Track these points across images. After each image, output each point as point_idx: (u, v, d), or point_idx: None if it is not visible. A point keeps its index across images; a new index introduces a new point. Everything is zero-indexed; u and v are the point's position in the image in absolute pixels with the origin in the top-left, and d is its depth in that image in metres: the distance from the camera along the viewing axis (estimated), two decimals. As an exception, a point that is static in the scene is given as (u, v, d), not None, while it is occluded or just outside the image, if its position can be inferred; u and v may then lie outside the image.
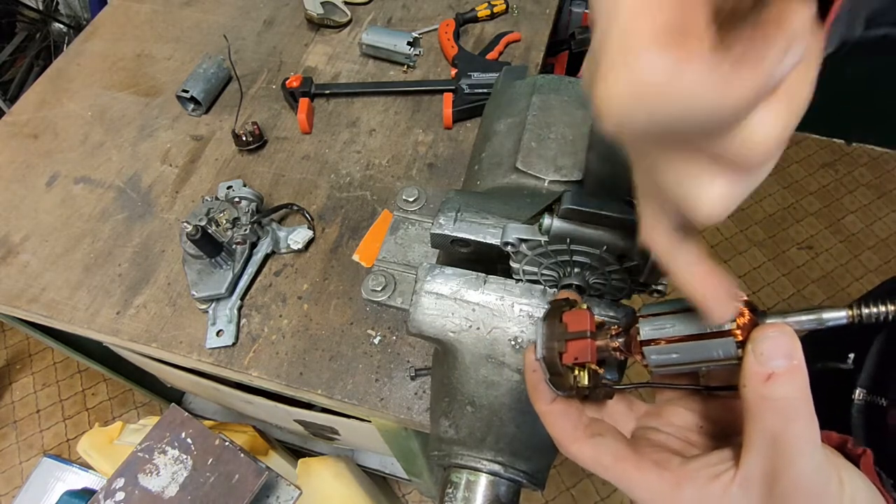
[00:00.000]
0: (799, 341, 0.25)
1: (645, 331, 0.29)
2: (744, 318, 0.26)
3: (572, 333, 0.30)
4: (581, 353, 0.30)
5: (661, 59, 0.17)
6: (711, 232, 2.06)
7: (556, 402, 0.32)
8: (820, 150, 2.25)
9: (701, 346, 0.27)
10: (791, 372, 0.24)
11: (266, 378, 0.73)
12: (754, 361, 0.25)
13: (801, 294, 1.91)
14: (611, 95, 0.18)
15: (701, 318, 0.27)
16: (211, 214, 0.79)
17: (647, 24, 0.17)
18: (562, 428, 0.31)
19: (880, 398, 0.57)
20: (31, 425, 1.80)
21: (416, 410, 0.69)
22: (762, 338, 0.25)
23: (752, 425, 0.26)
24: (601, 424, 0.33)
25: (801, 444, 0.24)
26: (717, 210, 0.22)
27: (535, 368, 0.32)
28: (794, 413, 0.24)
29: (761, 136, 0.19)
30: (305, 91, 0.95)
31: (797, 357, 0.24)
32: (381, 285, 0.50)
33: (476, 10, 1.07)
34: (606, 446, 0.30)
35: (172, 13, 1.14)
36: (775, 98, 0.19)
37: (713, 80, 0.17)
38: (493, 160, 0.51)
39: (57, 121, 1.00)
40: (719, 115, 0.18)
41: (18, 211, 0.89)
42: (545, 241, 0.37)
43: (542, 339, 0.31)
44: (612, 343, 0.30)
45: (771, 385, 0.24)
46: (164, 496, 0.75)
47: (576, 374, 0.30)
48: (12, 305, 0.80)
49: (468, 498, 0.41)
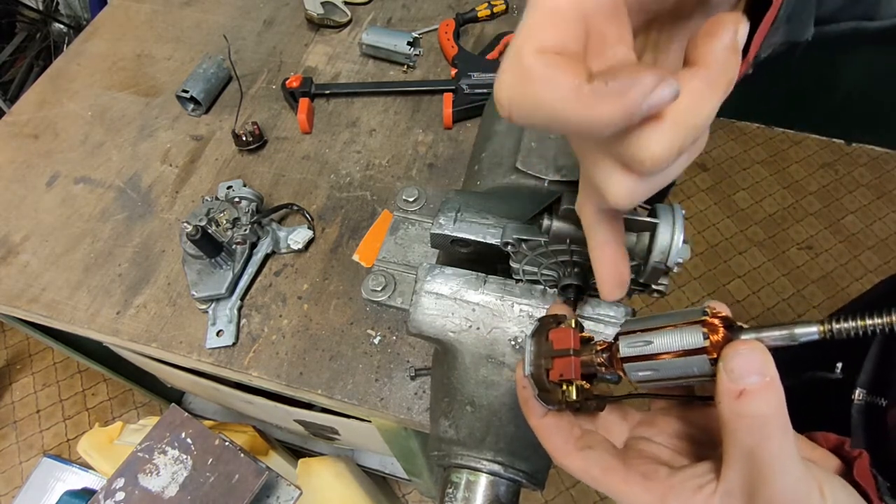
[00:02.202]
0: (771, 357, 0.25)
1: (623, 348, 0.29)
2: (717, 335, 0.26)
3: (557, 351, 0.31)
4: (566, 370, 0.31)
5: (537, 69, 0.21)
6: (711, 232, 2.06)
7: (548, 415, 0.33)
8: (820, 150, 2.25)
9: (678, 362, 0.27)
10: (764, 388, 0.25)
11: (266, 378, 0.73)
12: (726, 378, 0.25)
13: (801, 294, 1.91)
14: (500, 87, 0.22)
15: (680, 334, 0.27)
16: (211, 214, 0.79)
17: (538, 38, 0.21)
18: (553, 441, 0.32)
19: (880, 398, 0.57)
20: (31, 425, 1.80)
21: (416, 410, 0.69)
22: (733, 354, 0.25)
23: (729, 441, 0.26)
24: (592, 436, 0.33)
25: (777, 459, 0.25)
26: (623, 202, 0.25)
27: (525, 385, 0.32)
28: (768, 430, 0.25)
29: (647, 152, 0.22)
30: (305, 91, 0.95)
31: (770, 373, 0.25)
32: (381, 285, 0.50)
33: (476, 10, 1.07)
34: (596, 459, 0.31)
35: (172, 13, 1.14)
36: (661, 120, 0.22)
37: (576, 99, 0.20)
38: (493, 160, 0.51)
39: (57, 121, 1.00)
40: (586, 129, 0.21)
41: (18, 211, 0.89)
42: (545, 241, 0.37)
43: (530, 356, 0.32)
44: (597, 359, 0.31)
45: (744, 402, 0.25)
46: (164, 496, 0.75)
47: (564, 390, 0.31)
48: (12, 305, 0.80)
49: (468, 498, 0.41)
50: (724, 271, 1.98)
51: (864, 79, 2.00)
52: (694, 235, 2.05)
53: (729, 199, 2.14)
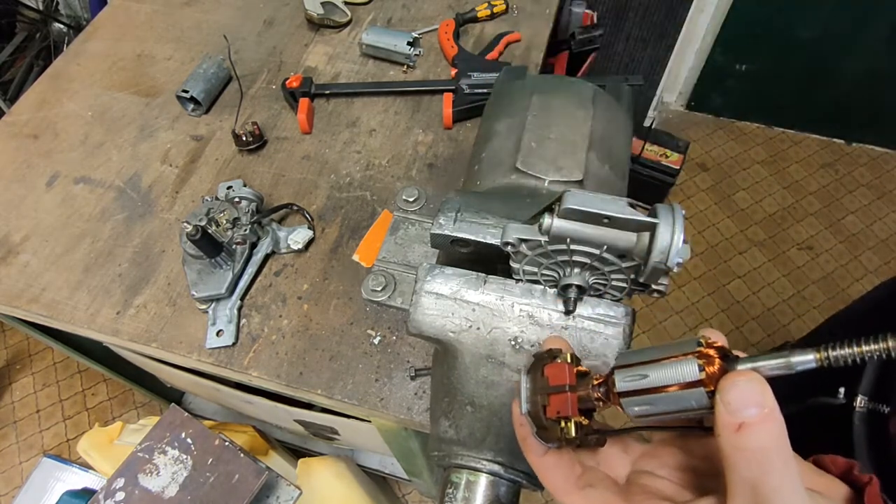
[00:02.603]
0: (769, 388, 0.25)
1: (619, 382, 0.29)
2: (713, 367, 0.26)
3: (553, 387, 0.30)
4: (562, 407, 0.30)
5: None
6: (711, 232, 2.06)
7: (548, 454, 0.32)
8: (820, 150, 2.25)
9: (675, 396, 0.27)
10: (763, 420, 0.24)
11: (266, 378, 0.73)
12: (724, 411, 0.25)
13: (802, 295, 1.91)
14: None
15: (675, 367, 0.27)
16: (211, 214, 0.79)
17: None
18: (554, 480, 0.32)
19: (882, 405, 0.57)
20: (31, 425, 1.80)
21: (416, 410, 0.69)
22: (730, 387, 0.25)
23: (731, 475, 0.25)
24: (593, 474, 0.33)
25: (779, 493, 0.24)
26: None
27: (523, 423, 0.32)
28: (769, 462, 0.24)
29: None
30: (305, 91, 0.95)
31: (769, 404, 0.24)
32: (381, 285, 0.50)
33: (476, 10, 1.07)
34: (598, 498, 0.31)
35: (172, 13, 1.14)
36: None
37: None
38: (493, 160, 0.51)
39: (57, 121, 1.00)
40: None
41: (18, 211, 0.89)
42: (545, 241, 0.37)
43: (526, 392, 0.31)
44: (594, 394, 0.30)
45: (744, 435, 0.24)
46: (164, 496, 0.75)
47: (562, 427, 0.30)
48: (12, 305, 0.80)
49: (468, 498, 0.40)
50: (724, 271, 1.98)
51: (864, 79, 2.00)
52: (694, 235, 2.05)
53: (729, 199, 2.14)
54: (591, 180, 0.48)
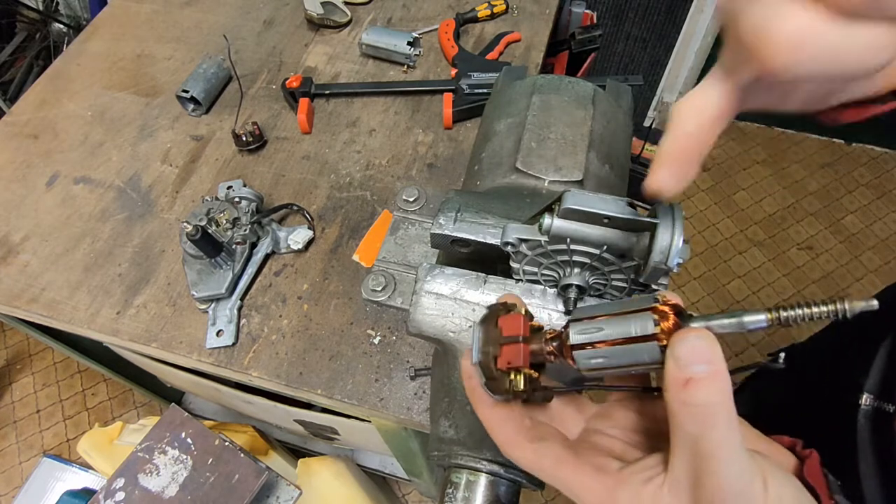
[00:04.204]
0: (718, 346, 0.25)
1: (574, 335, 0.29)
2: (668, 322, 0.26)
3: (506, 338, 0.30)
4: (514, 357, 0.30)
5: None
6: (711, 232, 2.06)
7: (497, 406, 0.32)
8: (820, 150, 2.25)
9: (629, 349, 0.27)
10: (711, 377, 0.24)
11: (266, 378, 0.73)
12: (673, 366, 0.25)
13: (802, 294, 1.91)
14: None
15: (630, 322, 0.27)
16: (211, 214, 0.79)
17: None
18: (503, 432, 0.31)
19: (888, 404, 0.56)
20: (31, 425, 1.80)
21: (415, 410, 0.69)
22: (680, 342, 0.25)
23: (675, 430, 0.26)
24: (544, 428, 0.33)
25: (721, 449, 0.24)
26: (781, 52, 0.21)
27: (472, 375, 0.31)
28: (712, 419, 0.24)
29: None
30: (305, 91, 0.95)
31: (717, 362, 0.24)
32: (381, 285, 0.50)
33: (476, 10, 1.07)
34: (547, 450, 0.31)
35: (172, 13, 1.14)
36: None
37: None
38: (493, 160, 0.51)
39: (57, 121, 1.00)
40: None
41: (18, 211, 0.89)
42: (545, 241, 0.37)
43: (478, 343, 0.31)
44: (546, 347, 0.30)
45: (690, 390, 0.24)
46: (164, 496, 0.75)
47: (511, 379, 0.30)
48: (12, 305, 0.80)
49: (468, 498, 0.40)
50: (724, 271, 1.98)
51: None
52: (694, 235, 2.05)
53: (729, 199, 2.14)
54: (591, 180, 0.48)
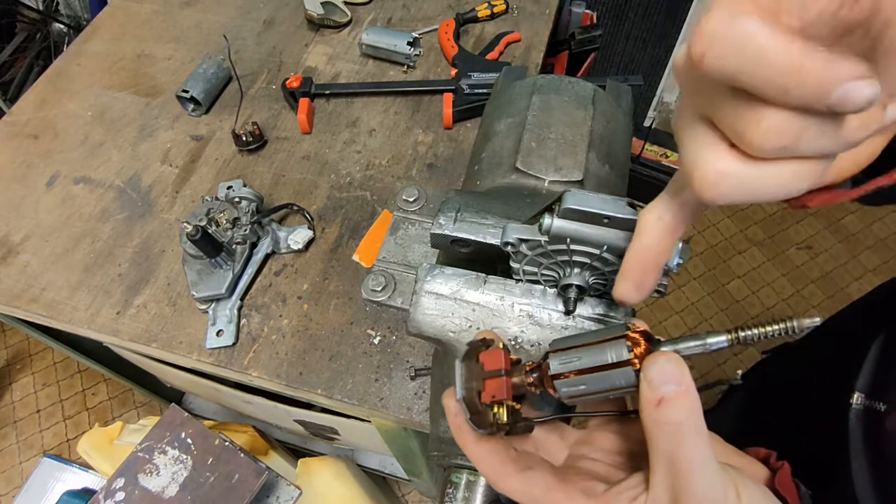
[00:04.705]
0: (686, 367, 0.27)
1: (554, 365, 0.30)
2: (640, 347, 0.28)
3: (489, 372, 0.32)
4: (498, 390, 0.31)
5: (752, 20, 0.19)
6: (711, 231, 2.06)
7: (483, 440, 0.33)
8: (820, 150, 2.25)
9: (605, 376, 0.29)
10: (679, 396, 0.26)
11: (266, 378, 0.73)
12: (647, 388, 0.27)
13: (801, 294, 1.91)
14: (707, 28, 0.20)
15: (606, 349, 0.29)
16: (211, 214, 0.79)
17: None
18: (491, 465, 0.32)
19: (879, 403, 0.56)
20: (31, 425, 1.80)
21: (415, 410, 0.69)
22: (651, 365, 0.27)
23: (652, 448, 0.27)
24: (530, 457, 0.33)
25: (692, 464, 0.26)
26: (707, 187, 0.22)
27: (457, 412, 0.32)
28: (682, 436, 0.26)
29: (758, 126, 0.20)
30: (305, 91, 0.95)
31: (685, 382, 0.26)
32: (381, 285, 0.50)
33: (476, 10, 1.07)
34: (536, 478, 0.32)
35: (172, 13, 1.14)
36: None
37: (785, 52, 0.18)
38: (493, 160, 0.51)
39: (57, 121, 1.00)
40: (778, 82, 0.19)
41: (18, 211, 0.89)
42: (545, 241, 0.37)
43: (461, 379, 0.32)
44: (527, 379, 0.32)
45: (662, 410, 0.26)
46: (164, 496, 0.75)
47: (495, 412, 0.31)
48: (12, 305, 0.80)
49: (468, 498, 0.41)
50: (724, 271, 1.98)
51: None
52: (694, 235, 2.05)
53: (729, 199, 2.14)
54: (591, 180, 0.48)
